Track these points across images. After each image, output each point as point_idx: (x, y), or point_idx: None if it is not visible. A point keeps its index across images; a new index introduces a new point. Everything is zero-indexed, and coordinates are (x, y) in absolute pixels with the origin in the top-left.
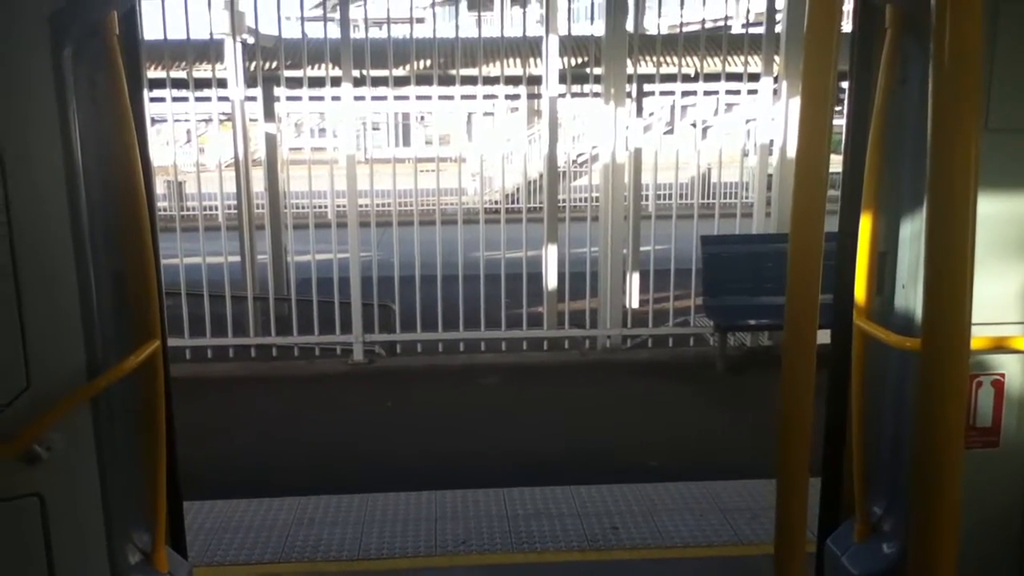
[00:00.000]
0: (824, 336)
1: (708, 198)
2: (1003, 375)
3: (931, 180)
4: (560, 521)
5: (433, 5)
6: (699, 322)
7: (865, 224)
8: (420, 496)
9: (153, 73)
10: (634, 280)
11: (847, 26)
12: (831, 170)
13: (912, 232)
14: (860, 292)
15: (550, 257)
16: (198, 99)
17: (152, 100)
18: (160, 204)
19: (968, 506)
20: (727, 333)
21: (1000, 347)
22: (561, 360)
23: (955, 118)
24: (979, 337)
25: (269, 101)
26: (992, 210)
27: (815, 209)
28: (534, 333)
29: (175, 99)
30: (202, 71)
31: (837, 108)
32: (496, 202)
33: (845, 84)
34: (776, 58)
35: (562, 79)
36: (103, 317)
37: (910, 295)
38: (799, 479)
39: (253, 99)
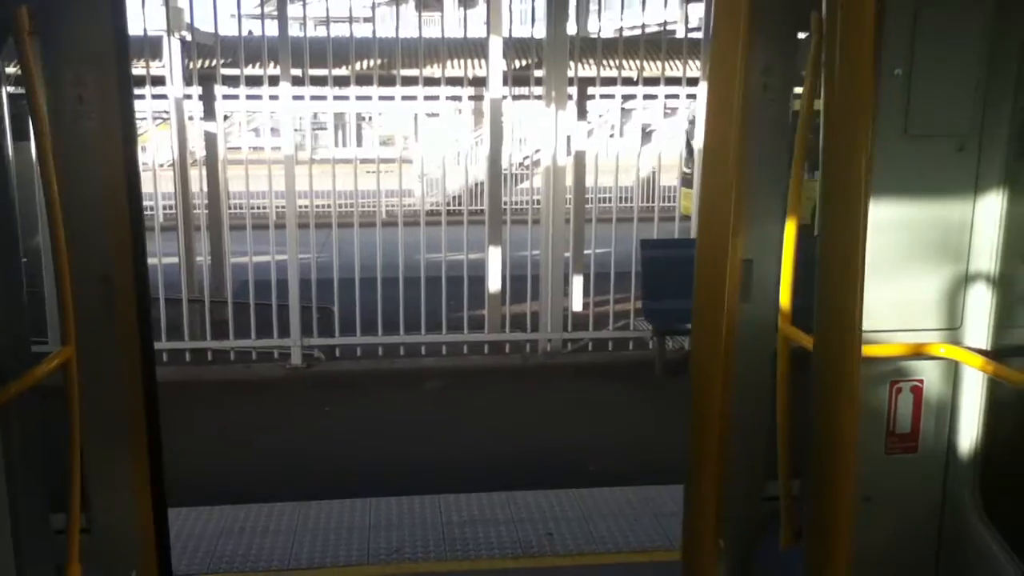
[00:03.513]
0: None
1: (649, 202)
2: (922, 381)
3: (823, 186)
4: (495, 528)
5: (374, 6)
6: (639, 325)
7: (790, 230)
8: (354, 504)
9: None
10: (576, 283)
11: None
12: None
13: None
14: (785, 298)
15: (492, 260)
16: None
17: None
18: None
19: (889, 509)
20: (666, 336)
21: (919, 353)
22: (502, 364)
23: (847, 128)
24: (898, 344)
25: (209, 100)
26: (910, 215)
27: (720, 215)
28: (475, 337)
29: None
30: (138, 69)
31: None
32: (436, 203)
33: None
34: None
35: (506, 81)
36: (12, 321)
37: None
38: (709, 485)
39: (189, 97)
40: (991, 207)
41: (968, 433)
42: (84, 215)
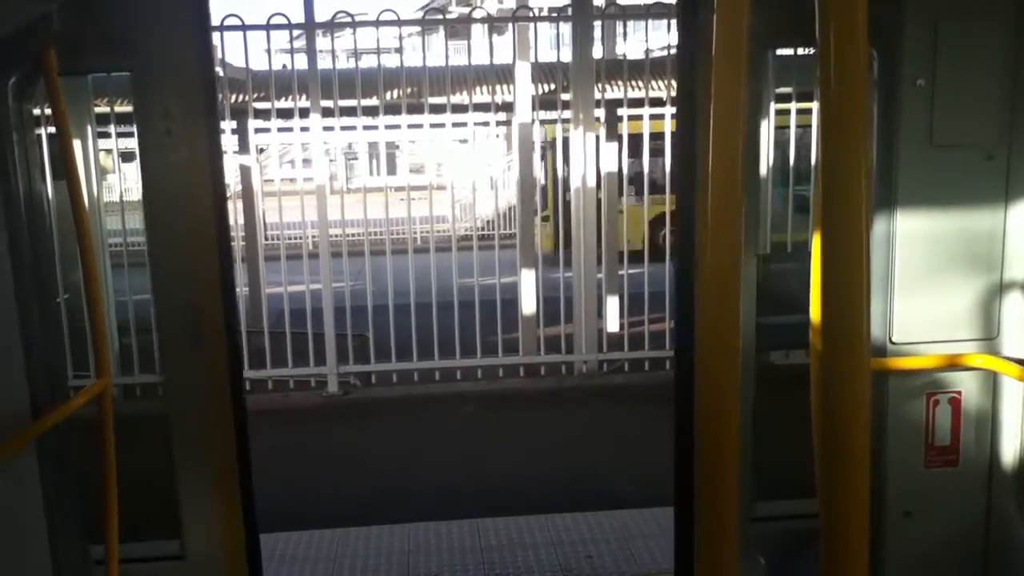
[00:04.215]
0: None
1: None
2: (960, 393)
3: (823, 198)
4: (534, 551)
5: (401, 37)
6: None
7: (817, 241)
8: (393, 529)
9: (121, 108)
10: (611, 304)
11: None
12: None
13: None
14: (815, 311)
15: (525, 282)
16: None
17: (120, 135)
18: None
19: (931, 524)
20: None
21: (955, 364)
22: (537, 386)
23: (843, 140)
24: (934, 355)
25: (243, 133)
26: (940, 226)
27: (732, 229)
28: (510, 360)
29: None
30: None
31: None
32: (469, 228)
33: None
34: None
35: (534, 105)
36: (49, 355)
37: (872, 310)
38: (729, 508)
39: (222, 132)
40: (1023, 215)
41: (1010, 444)
42: (173, 246)
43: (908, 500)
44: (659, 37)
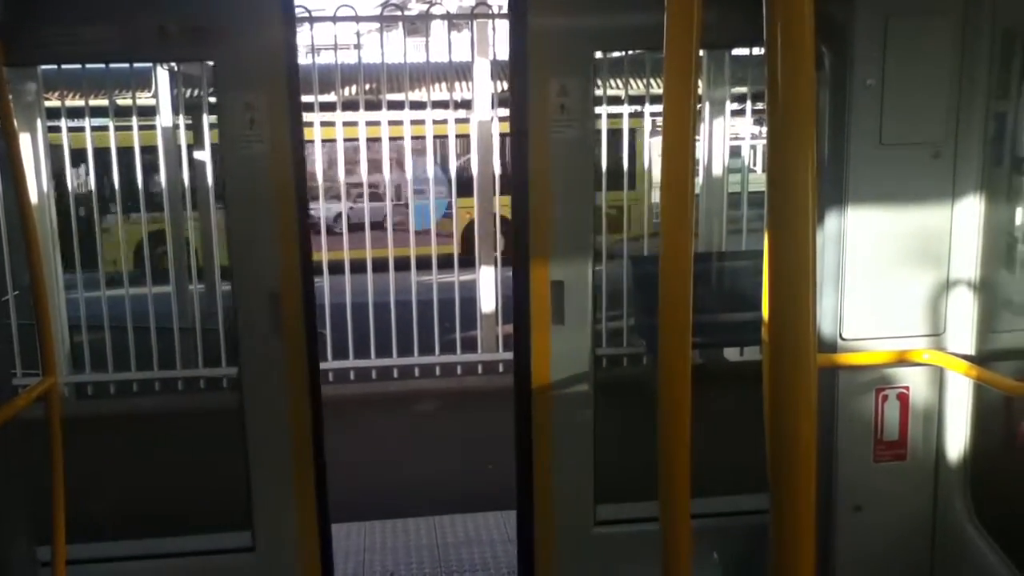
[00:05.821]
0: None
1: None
2: (908, 388)
3: (769, 194)
4: (491, 548)
5: (359, 34)
6: (633, 342)
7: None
8: (349, 528)
9: (72, 102)
10: None
11: None
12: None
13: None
14: (767, 308)
15: (485, 280)
16: (121, 128)
17: (71, 130)
18: None
19: (881, 517)
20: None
21: (903, 360)
22: (496, 384)
23: (790, 138)
24: (883, 351)
25: (199, 129)
26: (889, 223)
27: (683, 229)
28: (468, 357)
29: (95, 128)
30: (125, 99)
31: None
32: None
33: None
34: (700, 82)
35: (493, 103)
36: None
37: (823, 307)
38: (681, 507)
39: (178, 127)
40: (969, 213)
41: (956, 439)
42: (254, 235)
43: (858, 494)
44: None
